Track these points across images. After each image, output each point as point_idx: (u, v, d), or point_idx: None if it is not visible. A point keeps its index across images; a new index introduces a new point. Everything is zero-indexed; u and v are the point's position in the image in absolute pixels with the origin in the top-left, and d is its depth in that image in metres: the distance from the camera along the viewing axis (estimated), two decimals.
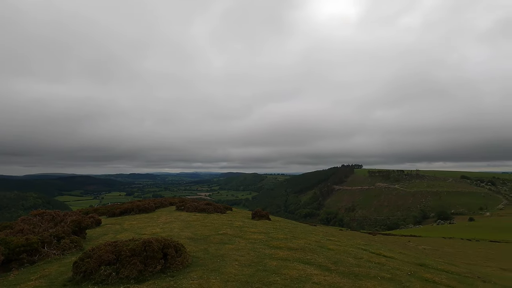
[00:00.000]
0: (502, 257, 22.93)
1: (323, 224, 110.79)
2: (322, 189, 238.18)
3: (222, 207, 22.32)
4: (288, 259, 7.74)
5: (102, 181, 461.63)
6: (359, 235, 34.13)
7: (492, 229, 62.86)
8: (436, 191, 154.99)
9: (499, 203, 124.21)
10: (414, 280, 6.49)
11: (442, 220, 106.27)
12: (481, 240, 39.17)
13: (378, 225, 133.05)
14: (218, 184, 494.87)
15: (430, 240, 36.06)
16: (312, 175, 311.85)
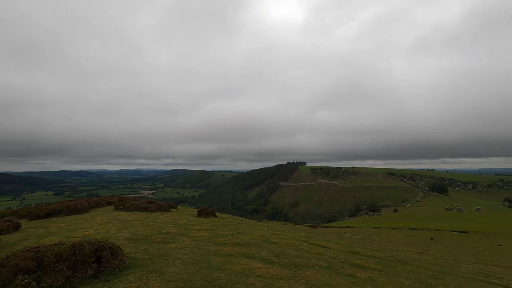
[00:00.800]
0: (418, 242, 26.55)
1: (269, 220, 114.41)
2: (269, 185, 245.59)
3: (166, 205, 21.40)
4: (233, 254, 7.78)
5: (24, 179, 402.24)
6: (302, 228, 36.07)
7: (411, 218, 72.33)
8: (368, 186, 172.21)
9: (417, 196, 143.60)
10: (347, 267, 7.11)
11: (372, 212, 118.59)
12: (403, 228, 44.58)
13: (319, 219, 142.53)
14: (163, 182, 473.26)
15: (362, 230, 39.82)
16: (259, 172, 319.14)
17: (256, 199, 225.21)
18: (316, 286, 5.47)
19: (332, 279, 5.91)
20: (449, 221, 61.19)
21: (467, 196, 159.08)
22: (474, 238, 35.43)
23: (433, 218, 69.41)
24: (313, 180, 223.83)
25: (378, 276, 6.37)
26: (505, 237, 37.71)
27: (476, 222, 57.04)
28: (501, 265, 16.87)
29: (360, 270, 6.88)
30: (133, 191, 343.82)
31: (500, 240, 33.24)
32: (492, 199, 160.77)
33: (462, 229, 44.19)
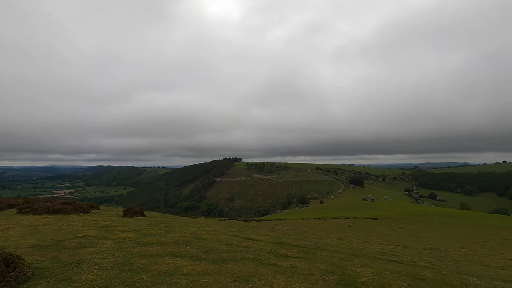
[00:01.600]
0: (338, 230, 29.56)
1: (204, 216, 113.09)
2: (204, 181, 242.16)
3: (85, 205, 19.19)
4: (159, 254, 7.44)
5: None
6: (236, 223, 36.62)
7: (334, 208, 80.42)
8: (298, 180, 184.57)
9: (339, 188, 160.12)
10: (272, 257, 7.52)
11: (302, 204, 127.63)
12: (327, 218, 48.91)
13: (253, 213, 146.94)
14: (83, 180, 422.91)
15: (292, 221, 42.40)
16: (194, 168, 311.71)
17: (191, 195, 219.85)
18: (241, 277, 5.64)
19: (257, 270, 6.16)
20: (364, 209, 69.93)
21: (378, 188, 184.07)
22: (382, 223, 40.98)
23: (352, 207, 78.45)
24: (248, 175, 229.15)
25: (299, 263, 6.90)
26: (404, 221, 44.83)
27: (384, 210, 66.54)
28: (400, 244, 20.11)
29: (284, 259, 7.35)
30: (44, 191, 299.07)
31: (400, 223, 39.40)
32: (397, 189, 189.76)
33: (374, 216, 50.70)
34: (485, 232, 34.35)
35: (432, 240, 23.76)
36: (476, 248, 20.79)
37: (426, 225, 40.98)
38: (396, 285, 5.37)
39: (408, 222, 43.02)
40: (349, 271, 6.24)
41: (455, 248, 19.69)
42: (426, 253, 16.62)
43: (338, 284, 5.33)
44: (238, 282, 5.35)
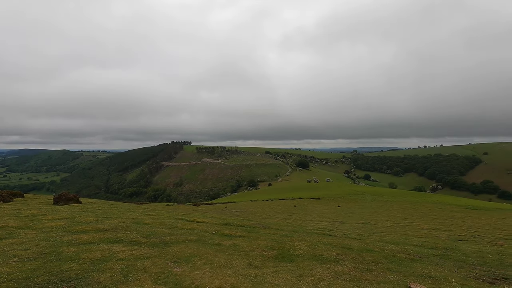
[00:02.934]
0: (285, 210, 31.10)
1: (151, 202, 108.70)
2: (151, 166, 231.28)
3: (5, 194, 16.83)
4: (93, 241, 6.94)
5: None
6: (184, 208, 36.02)
7: (282, 190, 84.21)
8: (248, 164, 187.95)
9: (287, 171, 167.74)
10: (216, 237, 7.61)
11: (251, 187, 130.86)
12: (274, 199, 50.91)
13: (203, 197, 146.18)
14: (5, 165, 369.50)
15: (242, 204, 43.24)
16: (139, 152, 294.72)
17: (136, 181, 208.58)
18: (181, 258, 5.60)
19: (199, 250, 6.19)
20: (309, 190, 74.58)
21: (322, 170, 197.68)
22: (324, 202, 44.17)
23: (298, 189, 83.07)
24: (198, 159, 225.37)
25: (241, 241, 7.12)
26: (343, 200, 49.10)
27: (326, 190, 71.88)
28: (339, 221, 22.09)
29: (227, 238, 7.50)
30: None
31: (339, 202, 43.08)
32: (338, 171, 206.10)
33: (317, 196, 54.29)
34: (406, 207, 39.50)
35: (364, 216, 26.55)
36: (399, 221, 23.88)
37: (360, 203, 45.42)
38: (327, 254, 5.92)
39: (346, 201, 47.10)
40: (287, 246, 6.66)
41: (383, 222, 22.36)
42: (359, 227, 18.56)
43: (276, 257, 5.65)
44: (178, 263, 5.30)
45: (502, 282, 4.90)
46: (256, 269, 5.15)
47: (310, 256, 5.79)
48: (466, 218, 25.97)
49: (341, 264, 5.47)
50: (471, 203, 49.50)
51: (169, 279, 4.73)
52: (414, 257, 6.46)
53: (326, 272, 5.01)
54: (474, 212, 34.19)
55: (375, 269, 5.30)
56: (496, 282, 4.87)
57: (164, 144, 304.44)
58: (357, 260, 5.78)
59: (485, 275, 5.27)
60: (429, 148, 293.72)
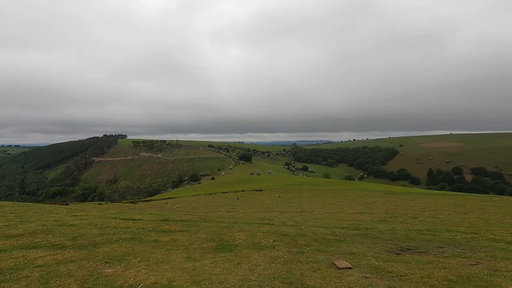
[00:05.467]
0: (228, 203, 31.27)
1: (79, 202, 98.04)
2: (79, 162, 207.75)
3: None
4: (3, 249, 6.01)
5: None
6: (119, 206, 33.45)
7: (225, 184, 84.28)
8: (190, 158, 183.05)
9: (230, 165, 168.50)
10: (153, 234, 7.32)
11: (193, 181, 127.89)
12: (217, 193, 50.67)
13: (141, 193, 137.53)
14: None
15: (183, 199, 42.00)
16: (64, 146, 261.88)
17: (61, 179, 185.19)
18: (113, 258, 5.26)
19: (134, 248, 5.89)
20: (251, 183, 76.21)
21: (264, 163, 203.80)
22: (265, 194, 45.62)
23: (241, 182, 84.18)
24: (135, 154, 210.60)
25: (181, 236, 7.00)
26: (283, 191, 51.48)
27: (268, 182, 74.42)
28: (279, 210, 23.18)
29: (165, 234, 7.29)
30: None
31: (280, 193, 45.09)
32: (279, 164, 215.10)
33: (259, 188, 55.72)
34: (338, 195, 43.41)
35: (302, 205, 28.37)
36: (332, 207, 26.16)
37: (299, 193, 48.24)
38: (264, 242, 6.24)
39: (286, 191, 49.44)
40: (227, 237, 6.79)
41: (318, 209, 24.24)
42: (297, 215, 19.80)
43: (215, 248, 5.72)
44: (110, 264, 4.97)
45: (405, 252, 5.88)
46: (195, 262, 5.14)
47: (249, 245, 6.02)
48: (386, 202, 29.72)
49: (277, 250, 5.83)
50: (390, 189, 56.92)
51: (99, 281, 4.40)
52: (340, 238, 7.25)
53: (263, 258, 5.29)
54: (392, 196, 39.34)
55: (306, 251, 5.80)
56: (401, 253, 5.83)
57: (95, 137, 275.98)
58: (291, 244, 6.24)
59: (394, 248, 6.24)
60: (357, 141, 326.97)
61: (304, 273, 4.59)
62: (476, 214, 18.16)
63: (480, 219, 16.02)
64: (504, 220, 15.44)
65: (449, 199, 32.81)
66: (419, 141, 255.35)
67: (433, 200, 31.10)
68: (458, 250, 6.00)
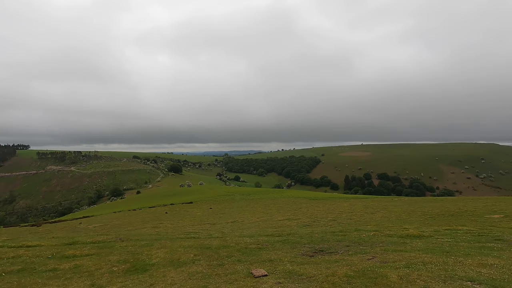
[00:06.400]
0: (155, 218, 29.13)
1: None
2: None
3: None
4: None
5: None
6: (14, 231, 27.87)
7: (152, 197, 78.64)
8: (112, 171, 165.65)
9: (158, 177, 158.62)
10: (52, 262, 6.26)
11: (115, 196, 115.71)
12: (143, 208, 47.00)
13: (48, 213, 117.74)
14: None
15: (102, 217, 37.61)
16: None
17: None
18: None
19: (21, 283, 4.90)
20: (181, 195, 72.98)
21: (195, 174, 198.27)
22: (196, 206, 44.24)
23: (170, 194, 79.79)
24: (40, 167, 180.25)
25: (87, 261, 6.15)
26: (215, 202, 50.74)
27: (199, 193, 72.38)
28: (210, 222, 22.61)
29: (68, 260, 6.31)
30: None
31: (211, 204, 44.28)
32: (210, 174, 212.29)
33: (189, 200, 53.77)
34: (268, 203, 44.89)
35: (234, 215, 28.35)
36: (262, 215, 26.81)
37: (230, 203, 48.21)
38: (184, 257, 5.96)
39: (217, 203, 48.86)
40: (144, 256, 6.25)
41: (249, 218, 24.53)
42: (228, 225, 19.64)
43: (127, 271, 5.19)
44: None
45: (318, 254, 6.38)
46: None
47: (167, 263, 5.65)
48: (310, 208, 31.96)
49: (197, 264, 5.62)
50: (314, 195, 61.69)
51: None
52: (262, 246, 7.44)
53: (180, 275, 5.02)
54: (316, 202, 42.59)
55: (227, 263, 5.76)
56: (314, 255, 6.31)
57: None
58: (212, 257, 6.10)
59: (309, 251, 6.71)
60: (286, 151, 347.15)
61: (221, 286, 4.51)
62: (381, 214, 20.96)
63: (384, 217, 18.53)
64: (401, 217, 18.20)
65: (361, 202, 37.26)
66: (338, 151, 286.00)
67: (349, 203, 34.85)
68: (361, 247, 6.81)
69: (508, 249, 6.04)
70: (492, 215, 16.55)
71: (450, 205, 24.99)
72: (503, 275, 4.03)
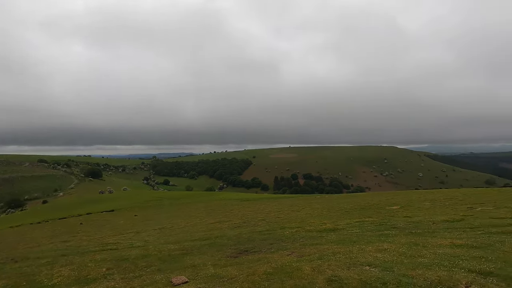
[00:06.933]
0: (66, 231, 25.39)
1: None
2: None
3: None
4: None
5: None
6: None
7: (63, 207, 68.45)
8: (8, 177, 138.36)
9: (72, 183, 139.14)
10: None
11: (13, 208, 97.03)
12: (51, 220, 40.76)
13: None
14: None
15: None
16: None
17: None
18: None
19: None
20: (101, 203, 65.56)
21: (118, 179, 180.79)
22: (118, 214, 40.48)
23: (87, 202, 70.76)
24: None
25: None
26: (140, 208, 47.18)
27: (122, 200, 66.16)
28: (134, 231, 20.74)
29: None
30: None
31: (137, 211, 40.99)
32: (136, 179, 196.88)
33: (111, 208, 48.88)
34: (200, 206, 43.85)
35: (162, 221, 26.72)
36: (193, 220, 25.95)
37: (158, 209, 45.55)
38: (94, 273, 5.30)
39: (144, 209, 45.64)
40: (42, 277, 5.33)
41: (178, 224, 23.44)
42: (155, 233, 18.37)
43: None
44: None
45: (243, 254, 6.48)
46: None
47: (72, 281, 4.92)
48: (241, 209, 32.43)
49: (109, 279, 5.05)
50: (245, 196, 62.92)
51: None
52: (187, 251, 7.17)
53: None
54: (247, 203, 43.46)
55: (145, 274, 5.34)
56: (239, 256, 6.38)
57: None
58: (129, 269, 5.58)
59: (234, 252, 6.76)
60: (218, 153, 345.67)
61: None
62: (305, 211, 22.60)
63: (307, 214, 20.02)
64: (322, 213, 19.93)
65: (289, 201, 39.57)
66: (269, 153, 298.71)
67: (278, 203, 36.61)
68: (283, 244, 7.18)
69: (399, 235, 7.18)
70: (392, 206, 19.57)
71: (361, 200, 28.60)
72: (393, 257, 4.76)
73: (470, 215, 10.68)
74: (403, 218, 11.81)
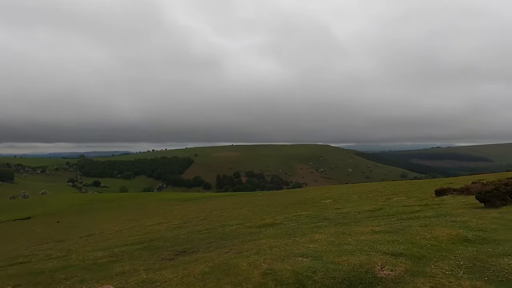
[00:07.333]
0: None
1: None
2: None
3: None
4: None
5: None
6: None
7: None
8: None
9: None
10: None
11: None
12: None
13: None
14: None
15: None
16: None
17: None
18: None
19: None
20: (13, 210, 56.59)
21: (35, 181, 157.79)
22: (36, 221, 35.81)
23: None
24: None
25: None
26: (65, 214, 42.14)
27: (42, 205, 58.01)
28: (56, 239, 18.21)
29: None
30: None
31: (60, 217, 36.48)
32: (59, 181, 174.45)
33: (26, 216, 43.00)
34: (136, 208, 41.10)
35: (90, 227, 24.17)
36: (127, 223, 24.09)
37: (87, 213, 41.36)
38: None
39: (68, 214, 41.17)
40: None
41: (110, 228, 21.46)
42: (82, 240, 16.47)
43: None
44: None
45: (179, 256, 6.25)
46: None
47: None
48: (182, 209, 31.39)
49: None
50: (186, 196, 61.10)
51: None
52: (116, 258, 6.59)
53: None
54: (188, 202, 42.27)
55: (63, 287, 4.73)
56: (175, 257, 6.13)
57: None
58: (43, 284, 4.87)
59: (171, 254, 6.48)
60: (157, 152, 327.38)
61: None
62: (247, 208, 22.97)
63: (249, 211, 20.36)
64: (263, 210, 20.51)
65: (231, 199, 39.76)
66: (211, 151, 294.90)
67: (220, 201, 36.48)
68: (223, 241, 7.16)
69: (330, 226, 7.82)
70: (325, 200, 21.25)
71: (298, 195, 30.36)
72: (323, 247, 5.17)
73: (387, 205, 12.30)
74: (334, 210, 12.92)
